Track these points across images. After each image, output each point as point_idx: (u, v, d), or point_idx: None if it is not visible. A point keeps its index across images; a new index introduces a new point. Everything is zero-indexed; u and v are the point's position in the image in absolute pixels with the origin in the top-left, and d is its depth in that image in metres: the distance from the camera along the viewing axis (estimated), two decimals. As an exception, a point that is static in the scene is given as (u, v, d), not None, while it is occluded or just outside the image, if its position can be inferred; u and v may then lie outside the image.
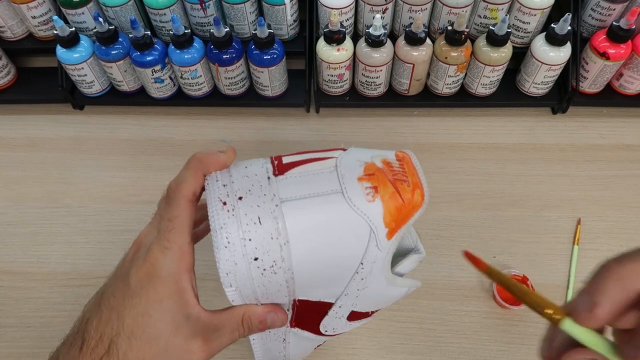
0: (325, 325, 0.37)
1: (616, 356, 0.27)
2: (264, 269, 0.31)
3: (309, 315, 0.36)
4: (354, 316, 0.37)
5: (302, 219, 0.31)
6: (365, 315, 0.37)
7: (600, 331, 0.28)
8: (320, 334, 0.38)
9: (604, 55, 0.64)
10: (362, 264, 0.32)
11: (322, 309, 0.36)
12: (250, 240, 0.30)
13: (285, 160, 0.34)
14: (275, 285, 0.32)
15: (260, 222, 0.30)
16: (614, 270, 0.27)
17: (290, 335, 0.38)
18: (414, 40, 0.62)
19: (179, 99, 0.72)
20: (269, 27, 0.62)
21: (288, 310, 0.35)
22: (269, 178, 0.32)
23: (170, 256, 0.31)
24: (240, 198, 0.31)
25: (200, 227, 0.39)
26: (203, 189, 0.33)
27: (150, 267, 0.32)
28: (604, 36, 0.63)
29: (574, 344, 0.28)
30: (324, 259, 0.32)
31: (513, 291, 0.30)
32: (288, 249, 0.31)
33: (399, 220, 0.32)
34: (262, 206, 0.31)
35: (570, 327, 0.28)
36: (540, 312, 0.29)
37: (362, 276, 0.33)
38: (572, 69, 0.67)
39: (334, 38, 0.62)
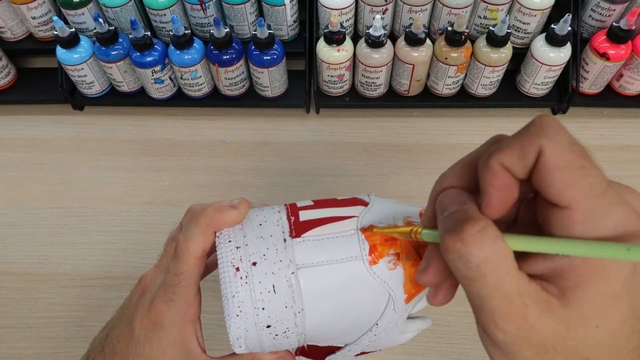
0: (332, 358, 0.36)
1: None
2: (276, 334, 0.30)
3: (316, 352, 0.36)
4: (362, 353, 0.36)
5: (318, 286, 0.30)
6: (374, 351, 0.37)
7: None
8: None
9: (604, 56, 0.64)
10: (377, 324, 0.32)
11: (330, 350, 0.35)
12: (263, 309, 0.29)
13: (303, 216, 0.32)
14: (285, 345, 0.31)
15: (274, 290, 0.29)
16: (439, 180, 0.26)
17: None
18: (414, 40, 0.62)
19: (179, 100, 0.72)
20: (269, 27, 0.62)
21: (294, 348, 0.35)
22: (285, 240, 0.30)
23: (175, 308, 0.31)
24: (254, 264, 0.29)
25: (210, 258, 0.37)
26: (213, 244, 0.32)
27: (154, 317, 0.31)
28: (604, 37, 0.63)
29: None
30: (338, 323, 0.31)
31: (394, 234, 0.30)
32: (303, 316, 0.30)
33: (420, 286, 0.31)
34: (277, 273, 0.29)
35: (426, 235, 0.26)
36: (407, 237, 0.28)
37: (375, 333, 0.32)
38: (572, 70, 0.67)
39: (334, 39, 0.62)
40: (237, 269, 0.29)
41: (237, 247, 0.30)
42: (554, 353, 0.21)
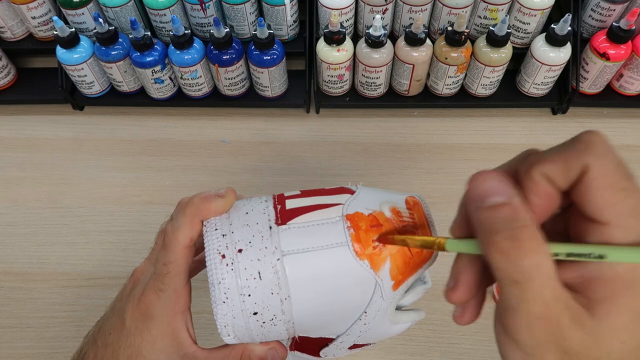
0: (326, 352, 0.36)
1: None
2: (264, 322, 0.30)
3: (309, 345, 0.36)
4: (355, 346, 0.36)
5: (304, 272, 0.30)
6: (367, 344, 0.37)
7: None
8: (319, 357, 0.38)
9: (604, 56, 0.64)
10: (365, 312, 0.32)
11: (322, 342, 0.35)
12: (249, 295, 0.29)
13: (289, 204, 0.32)
14: (274, 334, 0.31)
15: (260, 277, 0.29)
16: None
17: (290, 355, 0.38)
18: (414, 40, 0.62)
19: (179, 100, 0.72)
20: (269, 27, 0.62)
21: (288, 340, 0.35)
22: (270, 228, 0.30)
23: (165, 298, 0.31)
24: (240, 250, 0.30)
25: (200, 255, 0.38)
26: (201, 233, 0.32)
27: (144, 308, 0.32)
28: (604, 37, 0.63)
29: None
30: (326, 310, 0.31)
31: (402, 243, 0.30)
32: (289, 303, 0.30)
33: (406, 273, 0.31)
34: (262, 260, 0.29)
35: (451, 245, 0.26)
36: (428, 247, 0.28)
37: (365, 322, 0.32)
38: (572, 70, 0.67)
39: (334, 39, 0.62)
40: (223, 256, 0.30)
41: (223, 235, 0.30)
42: None
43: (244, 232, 0.30)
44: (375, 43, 0.62)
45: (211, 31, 0.61)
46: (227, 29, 0.62)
